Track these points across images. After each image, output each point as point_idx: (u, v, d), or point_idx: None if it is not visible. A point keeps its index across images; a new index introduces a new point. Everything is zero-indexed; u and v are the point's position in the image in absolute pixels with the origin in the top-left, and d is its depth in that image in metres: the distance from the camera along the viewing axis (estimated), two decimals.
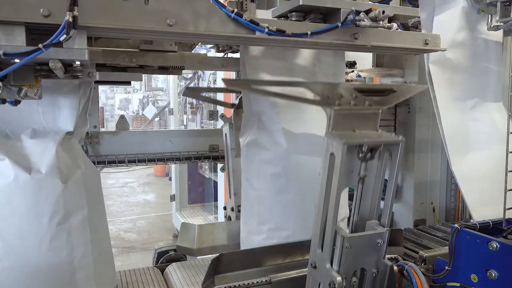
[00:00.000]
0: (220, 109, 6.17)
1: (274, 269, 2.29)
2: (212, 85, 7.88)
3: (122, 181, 13.52)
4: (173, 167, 8.10)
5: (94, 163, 3.21)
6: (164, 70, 2.69)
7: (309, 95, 1.83)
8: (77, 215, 1.80)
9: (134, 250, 7.58)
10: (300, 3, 1.80)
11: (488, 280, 1.78)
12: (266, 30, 1.68)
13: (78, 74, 1.62)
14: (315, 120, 2.46)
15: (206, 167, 7.65)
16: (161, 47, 2.45)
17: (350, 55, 3.00)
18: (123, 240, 8.09)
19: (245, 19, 1.66)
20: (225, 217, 3.37)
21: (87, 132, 3.15)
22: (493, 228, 2.00)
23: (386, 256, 1.76)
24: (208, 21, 1.64)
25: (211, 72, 7.31)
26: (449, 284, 1.93)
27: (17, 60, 1.36)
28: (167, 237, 8.01)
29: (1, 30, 1.37)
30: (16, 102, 1.58)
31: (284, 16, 1.93)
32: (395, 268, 1.68)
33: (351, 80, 2.90)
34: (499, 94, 2.61)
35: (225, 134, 3.33)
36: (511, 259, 1.71)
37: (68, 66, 1.55)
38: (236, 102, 3.33)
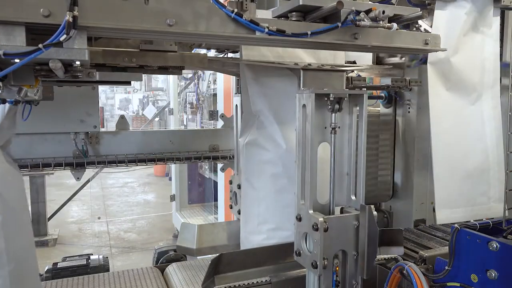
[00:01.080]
0: (220, 109, 6.17)
1: (274, 269, 2.29)
2: (212, 85, 7.89)
3: (122, 181, 13.53)
4: (173, 167, 8.10)
5: (94, 163, 3.21)
6: (164, 70, 2.68)
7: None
8: None
9: (134, 250, 7.58)
10: (300, 3, 1.80)
11: (488, 280, 1.78)
12: (266, 30, 1.68)
13: (78, 74, 1.62)
14: None
15: (206, 167, 7.65)
16: (161, 47, 2.45)
17: (350, 55, 2.99)
18: (123, 240, 8.09)
19: (245, 19, 1.66)
20: (230, 191, 3.27)
21: (87, 132, 3.14)
22: (493, 228, 2.00)
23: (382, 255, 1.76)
24: (208, 21, 1.64)
25: (211, 72, 7.31)
26: (449, 284, 1.93)
27: (17, 60, 1.36)
28: (167, 237, 8.01)
29: (1, 30, 1.37)
30: (16, 102, 1.58)
31: (284, 16, 1.93)
32: (375, 213, 1.78)
33: (351, 79, 2.89)
34: (494, 95, 2.61)
35: (236, 105, 3.18)
36: (511, 259, 1.71)
37: (68, 66, 1.55)
38: None
